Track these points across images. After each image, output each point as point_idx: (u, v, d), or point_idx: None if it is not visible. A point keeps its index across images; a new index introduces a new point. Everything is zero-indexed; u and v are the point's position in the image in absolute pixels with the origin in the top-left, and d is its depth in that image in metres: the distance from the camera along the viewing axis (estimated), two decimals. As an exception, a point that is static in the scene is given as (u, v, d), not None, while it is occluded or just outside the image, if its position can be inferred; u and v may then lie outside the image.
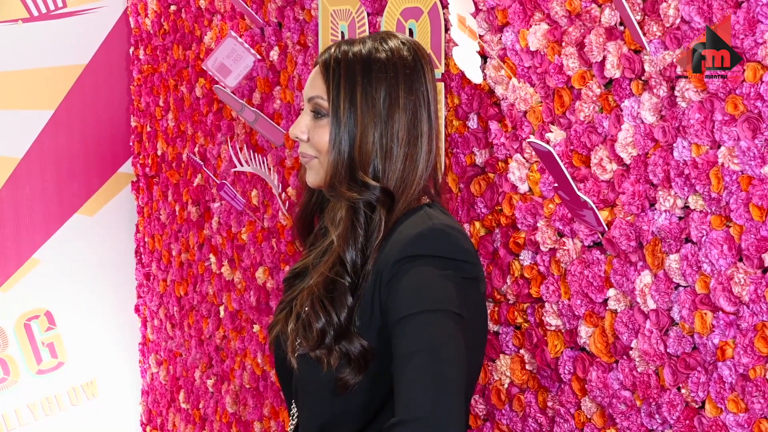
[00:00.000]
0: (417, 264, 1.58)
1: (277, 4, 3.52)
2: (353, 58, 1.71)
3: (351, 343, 1.63)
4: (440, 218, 1.66)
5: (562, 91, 2.32)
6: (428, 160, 1.72)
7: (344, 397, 1.65)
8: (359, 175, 1.68)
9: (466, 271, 1.61)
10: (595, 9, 2.21)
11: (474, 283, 1.64)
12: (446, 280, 1.57)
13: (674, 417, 2.08)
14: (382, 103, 1.69)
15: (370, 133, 1.68)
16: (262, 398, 3.94)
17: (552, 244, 2.39)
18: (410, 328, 1.53)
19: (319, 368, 1.66)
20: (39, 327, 4.93)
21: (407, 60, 1.72)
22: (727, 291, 1.93)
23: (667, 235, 2.07)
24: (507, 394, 2.59)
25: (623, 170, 2.18)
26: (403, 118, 1.69)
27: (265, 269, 3.79)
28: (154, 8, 4.60)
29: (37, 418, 4.92)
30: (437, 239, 1.61)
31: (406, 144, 1.69)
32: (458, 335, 1.52)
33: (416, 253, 1.59)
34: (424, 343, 1.50)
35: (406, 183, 1.69)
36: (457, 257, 1.61)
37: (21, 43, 4.71)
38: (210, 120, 4.14)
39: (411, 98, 1.70)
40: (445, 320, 1.53)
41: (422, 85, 1.72)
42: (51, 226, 4.93)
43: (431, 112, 1.72)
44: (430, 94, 1.73)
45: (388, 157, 1.68)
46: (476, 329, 1.67)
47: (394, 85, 1.69)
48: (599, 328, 2.27)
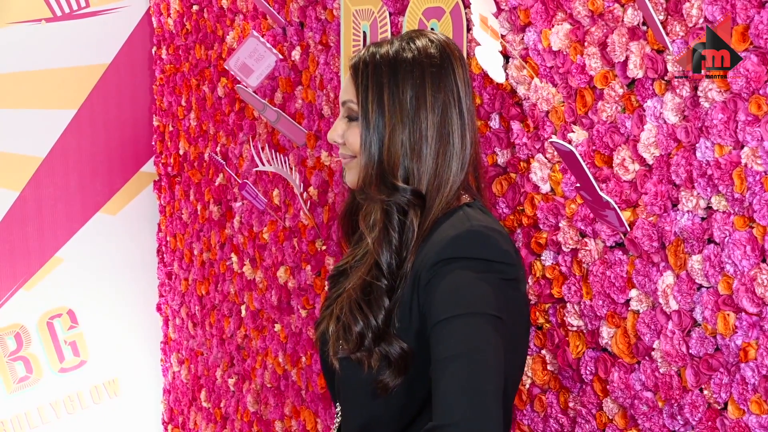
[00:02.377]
0: (454, 267, 1.57)
1: (299, 4, 3.53)
2: (380, 60, 1.71)
3: (390, 346, 1.63)
4: (479, 219, 1.65)
5: (584, 91, 2.32)
6: (463, 158, 1.70)
7: (384, 398, 1.65)
8: (389, 178, 1.69)
9: (505, 273, 1.61)
10: (618, 9, 2.20)
11: (514, 284, 1.63)
12: (484, 282, 1.56)
13: (696, 418, 2.07)
14: (409, 104, 1.68)
15: (398, 134, 1.68)
16: (283, 397, 3.95)
17: (574, 244, 2.38)
18: (448, 332, 1.52)
19: (360, 370, 1.66)
20: (62, 325, 4.95)
21: (434, 58, 1.71)
22: (750, 292, 1.92)
23: (689, 236, 2.06)
24: (528, 394, 2.59)
25: (646, 170, 2.17)
26: (432, 118, 1.68)
27: (287, 269, 3.80)
28: (177, 8, 4.62)
29: (60, 416, 4.95)
30: (475, 241, 1.60)
31: (436, 143, 1.68)
32: (496, 338, 1.51)
33: (454, 255, 1.58)
34: (462, 348, 1.49)
35: (440, 183, 1.68)
36: (495, 259, 1.60)
37: (44, 42, 4.74)
38: (232, 119, 4.15)
39: (439, 97, 1.69)
40: (483, 324, 1.52)
41: (451, 82, 1.70)
42: (74, 225, 4.96)
43: (463, 109, 1.71)
44: (462, 91, 1.72)
45: (417, 157, 1.68)
46: (517, 330, 1.66)
47: (420, 84, 1.69)
48: (621, 328, 2.26)
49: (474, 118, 1.75)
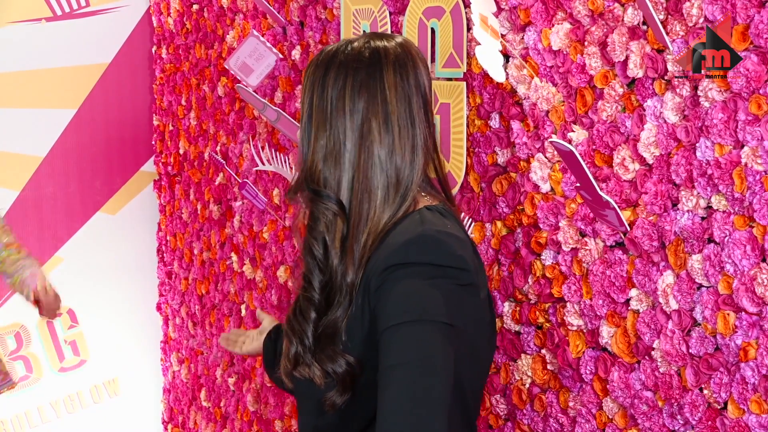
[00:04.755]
0: (404, 273, 1.52)
1: (299, 3, 3.53)
2: (320, 62, 1.69)
3: (335, 363, 1.59)
4: (434, 223, 1.60)
5: (584, 91, 2.32)
6: (401, 164, 1.64)
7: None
8: (311, 183, 1.66)
9: (460, 278, 1.55)
10: (618, 8, 2.20)
11: (472, 290, 1.58)
12: (435, 288, 1.51)
13: (696, 418, 2.07)
14: (330, 107, 1.64)
15: (320, 138, 1.65)
16: (283, 396, 3.95)
17: (574, 243, 2.38)
18: (394, 339, 1.48)
19: (307, 385, 1.65)
20: (62, 325, 4.95)
21: (362, 62, 1.66)
22: (750, 291, 1.92)
23: (689, 236, 2.06)
24: (528, 393, 2.59)
25: (646, 170, 2.17)
26: (350, 124, 1.63)
27: (287, 268, 3.80)
28: (177, 7, 4.62)
29: (60, 415, 4.95)
30: (425, 246, 1.55)
31: (356, 150, 1.63)
32: (446, 346, 1.47)
33: (403, 261, 1.53)
34: (407, 356, 1.45)
35: (365, 192, 1.63)
36: (447, 264, 1.54)
37: (44, 42, 4.74)
38: (232, 119, 4.15)
39: (360, 102, 1.63)
40: (431, 331, 1.47)
41: (376, 88, 1.64)
42: (73, 224, 4.96)
43: (390, 116, 1.64)
44: (392, 97, 1.64)
45: (335, 164, 1.64)
46: (475, 337, 1.62)
47: (342, 88, 1.64)
48: (621, 328, 2.26)
49: (422, 124, 1.67)
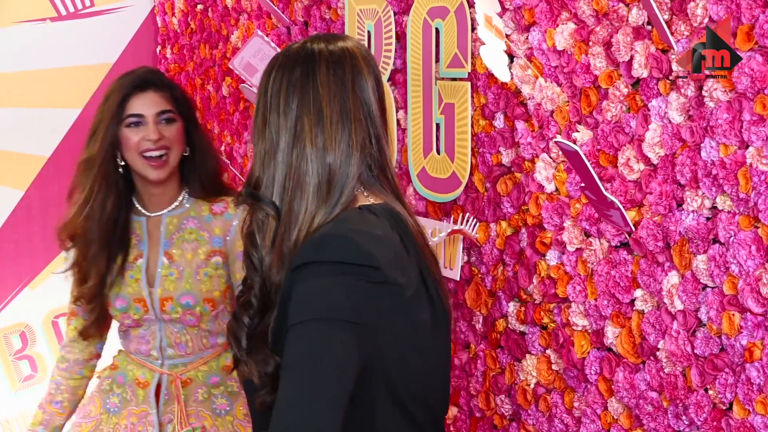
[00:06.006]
0: (308, 271, 1.53)
1: (303, 3, 3.53)
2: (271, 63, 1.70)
3: (266, 364, 1.60)
4: (354, 222, 1.60)
5: (589, 91, 2.31)
6: (334, 161, 1.63)
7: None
8: (247, 188, 1.67)
9: (370, 276, 1.53)
10: (623, 8, 2.20)
11: (387, 288, 1.56)
12: (340, 286, 1.50)
13: (701, 418, 2.07)
14: (269, 111, 1.65)
15: (259, 144, 1.67)
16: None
17: (578, 244, 2.38)
18: (292, 338, 1.48)
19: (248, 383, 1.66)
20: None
21: (298, 61, 1.66)
22: (755, 292, 1.92)
23: (694, 236, 2.06)
24: (533, 394, 2.59)
25: (650, 170, 2.17)
26: (283, 123, 1.64)
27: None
28: (181, 7, 4.62)
29: (65, 414, 4.94)
30: (328, 244, 1.54)
31: (288, 150, 1.64)
32: (345, 344, 1.47)
33: (306, 260, 1.54)
34: (300, 355, 1.46)
35: (302, 187, 1.63)
36: (353, 261, 1.52)
37: (49, 42, 4.74)
38: (236, 119, 4.16)
39: (295, 101, 1.64)
40: (328, 329, 1.47)
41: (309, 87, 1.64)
42: (79, 224, 4.95)
43: (323, 115, 1.63)
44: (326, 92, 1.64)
45: (268, 164, 1.65)
46: (400, 338, 1.60)
47: (277, 88, 1.65)
48: (626, 328, 2.26)
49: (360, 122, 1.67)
